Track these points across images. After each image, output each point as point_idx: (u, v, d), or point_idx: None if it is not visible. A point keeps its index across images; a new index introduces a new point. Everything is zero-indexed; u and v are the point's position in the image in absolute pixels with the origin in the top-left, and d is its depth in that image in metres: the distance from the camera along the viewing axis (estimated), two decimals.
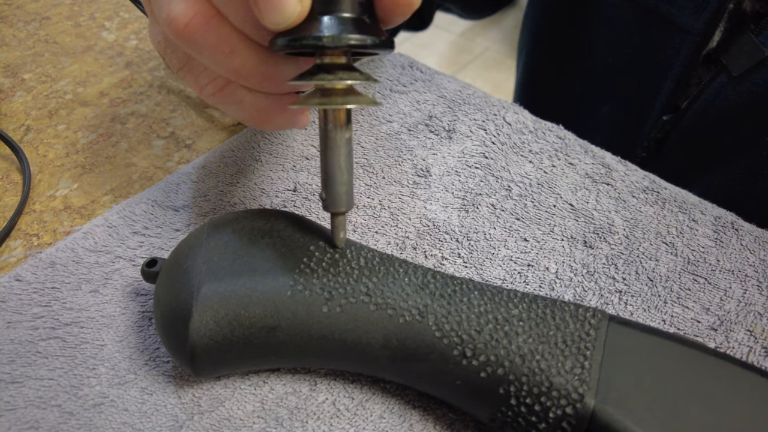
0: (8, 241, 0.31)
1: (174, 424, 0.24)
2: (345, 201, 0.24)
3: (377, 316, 0.23)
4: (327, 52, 0.22)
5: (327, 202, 0.24)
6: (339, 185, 0.23)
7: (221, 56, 0.22)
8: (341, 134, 0.23)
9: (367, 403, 0.25)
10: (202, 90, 0.25)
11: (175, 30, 0.22)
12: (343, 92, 0.22)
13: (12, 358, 0.26)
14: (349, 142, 0.23)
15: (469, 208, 0.33)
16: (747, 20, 0.38)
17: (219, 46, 0.22)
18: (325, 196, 0.24)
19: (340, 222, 0.24)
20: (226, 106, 0.25)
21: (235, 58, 0.23)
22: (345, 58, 0.22)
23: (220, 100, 0.25)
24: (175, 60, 0.25)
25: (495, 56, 1.93)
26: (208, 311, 0.23)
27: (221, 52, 0.22)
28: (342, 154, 0.23)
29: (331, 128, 0.23)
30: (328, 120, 0.23)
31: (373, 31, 0.21)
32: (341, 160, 0.23)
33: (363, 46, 0.21)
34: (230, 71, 0.23)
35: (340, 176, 0.23)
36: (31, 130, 0.38)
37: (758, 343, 0.26)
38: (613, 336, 0.22)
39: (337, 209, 0.24)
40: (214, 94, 0.25)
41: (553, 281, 0.29)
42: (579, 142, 0.36)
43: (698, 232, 0.31)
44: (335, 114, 0.23)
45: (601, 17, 0.45)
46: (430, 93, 0.40)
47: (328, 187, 0.23)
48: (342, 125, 0.23)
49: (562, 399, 0.21)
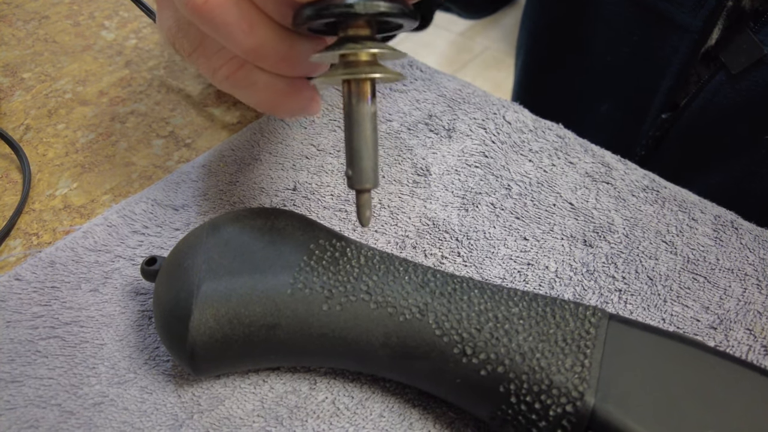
0: (8, 241, 0.31)
1: (174, 422, 0.24)
2: (372, 177, 0.23)
3: (377, 315, 0.23)
4: (352, 24, 0.22)
5: (353, 178, 0.23)
6: (365, 160, 0.23)
7: (240, 34, 0.22)
8: (367, 107, 0.22)
9: (366, 401, 0.25)
10: (216, 73, 0.25)
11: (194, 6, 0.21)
12: (367, 63, 0.22)
13: (12, 357, 0.26)
14: (374, 116, 0.23)
15: (468, 207, 0.33)
16: (746, 18, 0.38)
17: (238, 23, 0.22)
18: (351, 173, 0.23)
19: (365, 200, 0.23)
20: (240, 89, 0.25)
21: (254, 36, 0.22)
22: (369, 30, 0.22)
23: (234, 83, 0.25)
24: (187, 43, 0.25)
25: (495, 55, 1.93)
26: (208, 310, 0.23)
27: (240, 30, 0.22)
28: (368, 129, 0.23)
29: (355, 101, 0.22)
30: (353, 93, 0.22)
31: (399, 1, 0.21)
32: (367, 135, 0.23)
33: (392, 14, 0.21)
34: (247, 50, 0.23)
35: (366, 151, 0.23)
36: (31, 130, 0.38)
37: (757, 341, 0.26)
38: (613, 334, 0.22)
39: (362, 186, 0.23)
40: (228, 77, 0.24)
41: (552, 280, 0.29)
42: (579, 140, 0.36)
43: (698, 231, 0.31)
44: (360, 86, 0.22)
45: (599, 15, 0.45)
46: (430, 92, 0.40)
47: (354, 162, 0.23)
48: (367, 98, 0.22)
49: (562, 397, 0.21)
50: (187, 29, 0.25)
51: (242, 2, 0.22)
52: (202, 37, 0.24)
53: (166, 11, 0.25)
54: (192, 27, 0.24)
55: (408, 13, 0.21)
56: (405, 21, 0.22)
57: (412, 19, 0.22)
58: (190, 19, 0.23)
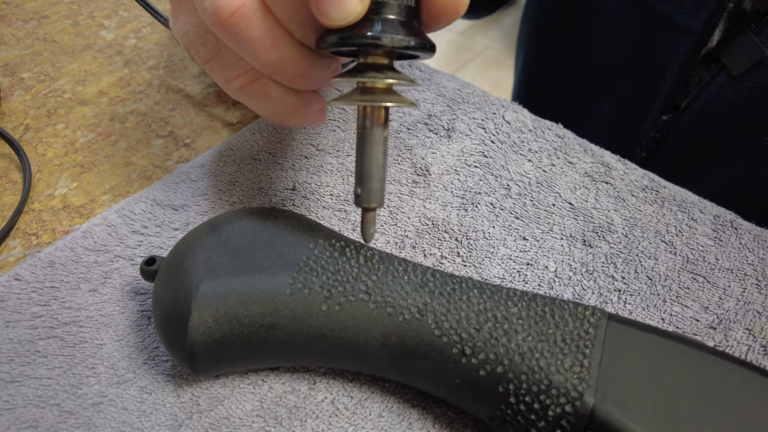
0: (7, 241, 0.31)
1: (173, 422, 0.24)
2: (378, 197, 0.24)
3: (376, 315, 0.23)
4: (371, 52, 0.23)
5: (361, 197, 0.24)
6: (375, 181, 0.24)
7: (262, 49, 0.22)
8: (380, 132, 0.24)
9: (366, 401, 0.25)
10: (230, 83, 0.25)
11: (219, 19, 0.22)
12: (383, 91, 0.23)
13: (11, 357, 0.26)
14: (386, 141, 0.24)
15: (468, 206, 0.33)
16: (747, 19, 0.38)
17: (262, 38, 0.22)
18: (360, 192, 0.24)
19: (371, 218, 0.25)
20: (252, 100, 0.25)
21: (275, 52, 0.23)
22: (387, 60, 0.23)
23: (248, 93, 0.25)
24: (204, 51, 0.25)
25: (494, 55, 1.93)
26: (207, 309, 0.23)
27: (263, 45, 0.22)
28: (380, 152, 0.24)
29: (369, 125, 0.24)
30: (367, 117, 0.24)
31: (420, 35, 0.22)
32: (379, 157, 0.24)
33: (415, 48, 0.22)
34: (267, 65, 0.23)
35: (377, 173, 0.24)
36: (30, 129, 0.38)
37: (757, 341, 0.26)
38: (612, 334, 0.22)
39: (369, 204, 0.24)
40: (243, 87, 0.25)
41: (552, 280, 0.29)
42: (578, 140, 0.36)
43: (697, 231, 0.31)
44: (375, 112, 0.24)
45: (599, 16, 0.45)
46: (430, 92, 0.40)
47: (364, 182, 0.24)
48: (381, 123, 0.24)
49: (561, 397, 0.21)
50: (206, 37, 0.25)
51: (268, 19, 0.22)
52: (220, 47, 0.24)
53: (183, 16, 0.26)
54: (210, 36, 0.24)
55: (428, 47, 0.22)
56: (424, 54, 0.23)
57: (429, 52, 0.23)
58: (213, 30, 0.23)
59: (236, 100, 0.40)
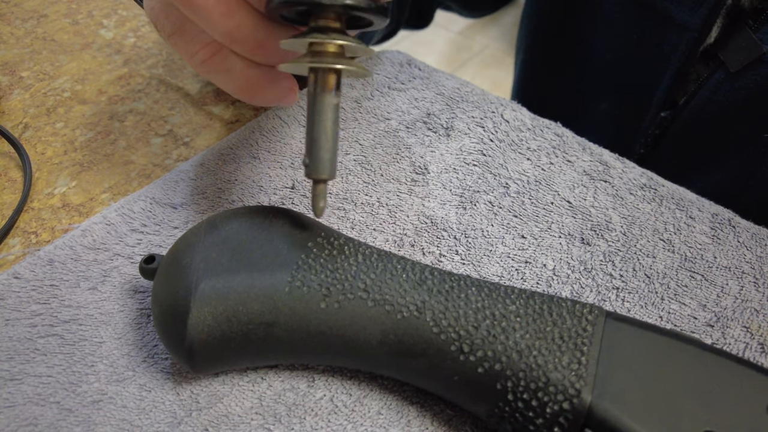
0: (7, 239, 0.31)
1: (172, 420, 0.24)
2: (328, 168, 0.23)
3: (375, 312, 0.23)
4: (322, 15, 0.22)
5: (310, 167, 0.23)
6: (323, 151, 0.23)
7: (217, 16, 0.22)
8: (329, 98, 0.23)
9: (364, 399, 0.25)
10: (193, 57, 0.25)
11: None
12: (335, 55, 0.22)
13: (10, 355, 0.26)
14: (336, 108, 0.23)
15: (467, 205, 0.33)
16: (745, 16, 0.38)
17: (217, 5, 0.22)
18: (308, 162, 0.23)
19: (320, 190, 0.24)
20: (216, 74, 0.25)
21: (231, 19, 0.23)
22: (339, 24, 0.22)
23: (211, 68, 0.25)
24: (168, 25, 0.25)
25: (494, 54, 1.93)
26: (206, 307, 0.23)
27: (217, 12, 0.22)
28: (328, 119, 0.23)
29: (319, 91, 0.23)
30: (317, 83, 0.23)
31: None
32: (327, 126, 0.23)
33: (358, 8, 0.21)
34: (224, 34, 0.23)
35: (325, 142, 0.23)
36: (29, 128, 0.38)
37: (754, 339, 0.26)
38: (610, 332, 0.22)
39: (319, 175, 0.23)
40: (205, 61, 0.25)
41: (550, 278, 0.29)
42: (577, 139, 0.36)
43: (695, 229, 0.31)
44: (324, 77, 0.23)
45: (598, 14, 0.45)
46: (429, 90, 0.40)
47: (313, 152, 0.23)
48: (330, 89, 0.23)
49: (559, 394, 0.21)
50: (169, 11, 0.25)
51: None
52: (183, 20, 0.25)
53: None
54: (173, 9, 0.25)
55: (375, 8, 0.21)
56: (373, 17, 0.22)
57: (381, 16, 0.22)
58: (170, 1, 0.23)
59: (235, 99, 0.40)
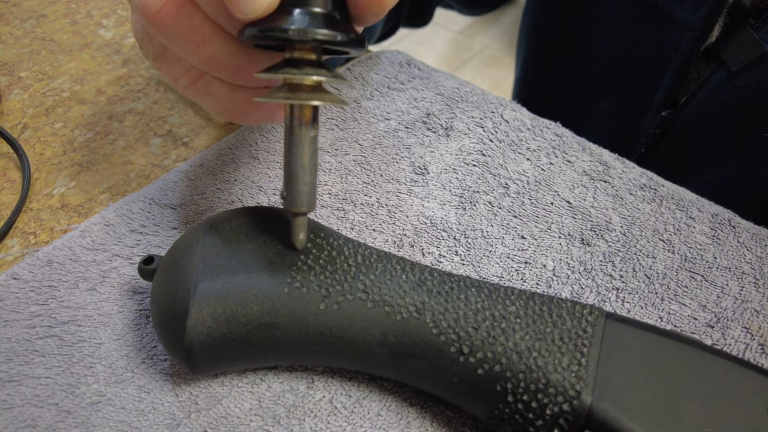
0: (5, 240, 0.31)
1: (171, 422, 0.24)
2: (306, 201, 0.23)
3: (374, 313, 0.23)
4: (296, 47, 0.22)
5: (288, 201, 0.23)
6: (301, 185, 0.23)
7: (192, 45, 0.22)
8: (306, 132, 0.22)
9: (364, 400, 0.25)
10: (177, 81, 0.25)
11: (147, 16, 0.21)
12: (311, 89, 0.22)
13: (9, 356, 0.26)
14: (314, 140, 0.23)
15: (466, 205, 0.33)
16: (746, 15, 0.38)
17: (190, 34, 0.22)
18: (285, 195, 0.23)
19: (300, 223, 0.24)
20: (200, 98, 0.25)
21: (207, 48, 0.22)
22: (314, 55, 0.22)
23: (194, 92, 0.25)
24: (152, 49, 0.25)
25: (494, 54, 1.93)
26: (205, 308, 0.23)
27: (192, 41, 0.22)
28: (305, 153, 0.23)
29: (296, 125, 0.22)
30: (294, 116, 0.22)
31: (342, 28, 0.21)
32: (305, 159, 0.23)
33: (331, 42, 0.21)
34: (202, 61, 0.23)
35: (303, 175, 0.23)
36: (28, 128, 0.38)
37: (754, 340, 0.26)
38: (610, 333, 0.22)
39: (297, 209, 0.23)
40: (188, 86, 0.25)
41: (550, 278, 0.29)
42: (576, 139, 0.36)
43: (695, 230, 0.31)
44: (301, 110, 0.22)
45: (599, 13, 0.45)
46: (428, 90, 0.40)
47: (290, 186, 0.23)
48: (308, 122, 0.22)
49: (559, 396, 0.21)
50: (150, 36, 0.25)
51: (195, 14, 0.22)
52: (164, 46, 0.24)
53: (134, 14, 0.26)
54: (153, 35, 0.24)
55: (347, 41, 0.21)
56: (349, 48, 0.22)
57: (354, 47, 0.22)
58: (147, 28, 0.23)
59: None
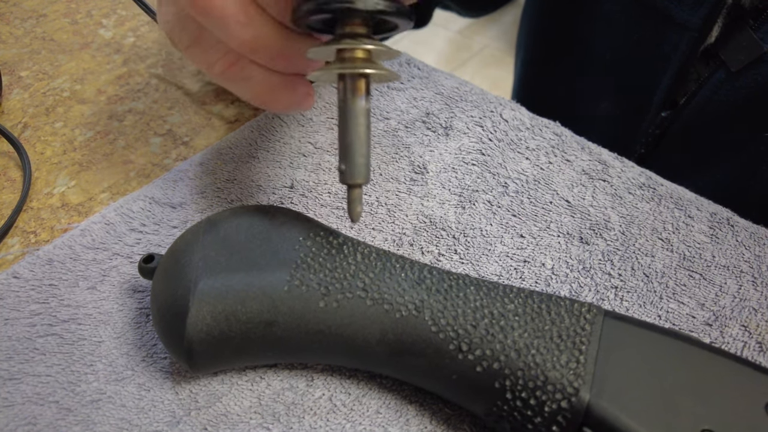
0: (6, 239, 0.31)
1: (171, 419, 0.24)
2: (364, 173, 0.23)
3: (374, 311, 0.23)
4: (349, 22, 0.22)
5: (345, 173, 0.23)
6: (358, 156, 0.23)
7: (237, 26, 0.22)
8: (361, 103, 0.23)
9: (363, 398, 0.25)
10: (212, 67, 0.25)
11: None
12: (363, 60, 0.22)
13: (10, 354, 0.26)
14: (368, 113, 0.23)
15: (465, 204, 0.33)
16: (745, 16, 0.38)
17: (236, 15, 0.22)
18: (344, 168, 0.23)
19: (357, 195, 0.24)
20: (235, 83, 0.25)
21: (251, 30, 0.23)
22: (366, 29, 0.22)
23: (229, 77, 0.25)
24: (186, 37, 0.25)
25: (493, 53, 1.93)
26: (205, 306, 0.23)
27: (237, 22, 0.22)
28: (362, 124, 0.23)
29: (350, 97, 0.23)
30: (348, 88, 0.23)
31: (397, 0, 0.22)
32: (361, 131, 0.23)
33: (390, 13, 0.21)
34: (244, 44, 0.23)
35: (360, 147, 0.23)
36: (29, 128, 0.38)
37: (753, 338, 0.27)
38: (609, 331, 0.22)
39: (355, 180, 0.23)
40: (224, 71, 0.25)
41: (549, 277, 0.29)
42: (576, 138, 0.36)
43: (694, 229, 0.31)
44: (355, 82, 0.23)
45: (598, 13, 0.45)
46: (428, 90, 0.40)
47: (348, 157, 0.23)
48: (361, 94, 0.23)
49: (557, 393, 0.21)
50: (185, 22, 0.25)
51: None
52: (200, 31, 0.24)
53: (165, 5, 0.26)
54: (190, 20, 0.25)
55: (405, 12, 0.22)
56: (401, 20, 0.22)
57: (408, 19, 0.22)
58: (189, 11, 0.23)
59: (235, 98, 0.40)
